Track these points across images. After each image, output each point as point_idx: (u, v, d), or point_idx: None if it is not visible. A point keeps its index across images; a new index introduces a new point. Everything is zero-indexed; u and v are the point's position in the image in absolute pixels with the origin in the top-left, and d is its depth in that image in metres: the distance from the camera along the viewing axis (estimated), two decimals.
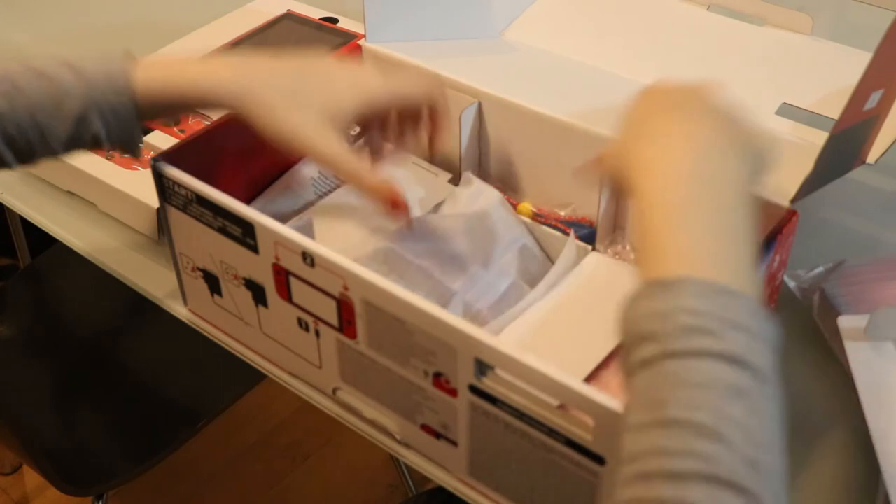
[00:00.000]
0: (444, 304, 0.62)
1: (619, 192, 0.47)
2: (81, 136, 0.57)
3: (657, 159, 0.44)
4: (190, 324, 0.69)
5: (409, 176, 0.69)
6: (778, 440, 0.37)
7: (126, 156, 0.61)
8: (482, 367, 0.49)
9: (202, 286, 0.65)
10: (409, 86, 0.61)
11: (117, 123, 0.57)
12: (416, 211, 0.67)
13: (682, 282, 0.39)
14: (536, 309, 0.61)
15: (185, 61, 0.59)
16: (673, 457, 0.35)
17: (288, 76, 0.58)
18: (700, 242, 0.40)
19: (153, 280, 0.72)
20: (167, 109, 0.59)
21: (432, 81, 0.63)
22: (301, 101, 0.57)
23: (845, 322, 0.61)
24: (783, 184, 0.58)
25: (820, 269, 0.68)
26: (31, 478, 1.42)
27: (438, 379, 0.52)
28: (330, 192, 0.70)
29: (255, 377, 1.03)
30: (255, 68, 0.59)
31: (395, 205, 0.58)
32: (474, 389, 0.50)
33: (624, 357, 0.40)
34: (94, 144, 0.58)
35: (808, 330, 0.66)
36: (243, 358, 0.66)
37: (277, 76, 0.58)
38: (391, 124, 0.63)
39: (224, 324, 0.66)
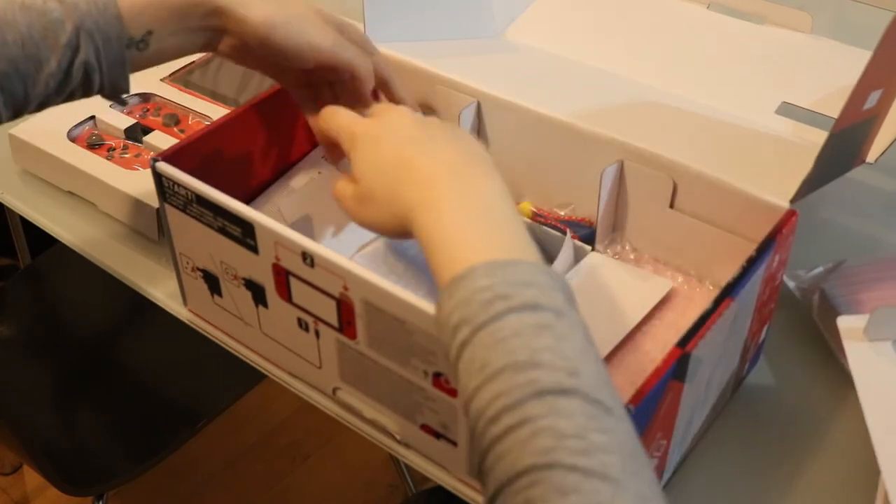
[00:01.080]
0: None
1: (399, 236, 0.53)
2: (72, 70, 0.56)
3: (419, 192, 0.50)
4: (190, 324, 0.69)
5: None
6: (590, 352, 0.42)
7: (114, 97, 0.60)
8: None
9: (202, 286, 0.65)
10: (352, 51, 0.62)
11: (107, 48, 0.56)
12: None
13: (470, 270, 0.44)
14: None
15: None
16: (506, 395, 0.40)
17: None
18: (477, 236, 0.47)
19: (153, 280, 0.72)
20: (156, 24, 0.58)
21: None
22: (292, 11, 0.59)
23: (845, 322, 0.61)
24: (783, 184, 0.58)
25: (820, 269, 0.68)
26: (31, 478, 1.42)
27: (438, 379, 0.52)
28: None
29: (255, 377, 1.03)
30: None
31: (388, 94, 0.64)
32: None
33: (446, 354, 0.44)
34: (86, 79, 0.57)
35: (807, 330, 0.66)
36: (243, 358, 0.66)
37: None
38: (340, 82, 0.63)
39: (224, 324, 0.66)
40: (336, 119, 0.57)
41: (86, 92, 0.59)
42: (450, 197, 0.49)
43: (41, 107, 0.58)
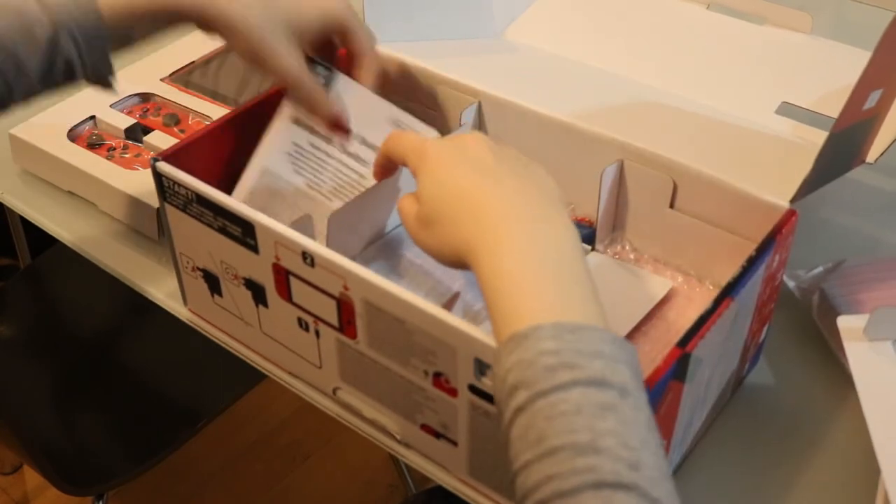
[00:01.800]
0: (444, 303, 0.62)
1: (454, 266, 0.50)
2: (55, 64, 0.57)
3: (481, 232, 0.47)
4: (190, 324, 0.69)
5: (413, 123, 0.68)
6: (653, 441, 0.40)
7: (101, 88, 0.60)
8: (482, 367, 0.49)
9: (202, 286, 0.65)
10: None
11: (87, 44, 0.57)
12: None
13: (535, 329, 0.41)
14: None
15: None
16: (561, 478, 0.38)
17: None
18: (543, 291, 0.43)
19: (153, 280, 0.72)
20: (135, 23, 0.59)
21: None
22: (269, 15, 0.60)
23: (844, 322, 0.61)
24: (783, 184, 0.58)
25: (819, 269, 0.68)
26: (31, 478, 1.42)
27: (438, 379, 0.52)
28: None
29: (255, 377, 1.03)
30: None
31: (337, 126, 0.64)
32: (474, 389, 0.50)
33: (500, 415, 0.42)
34: (69, 73, 0.58)
35: (807, 330, 0.66)
36: (243, 358, 0.66)
37: None
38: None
39: (224, 324, 0.66)
40: (405, 139, 0.54)
41: (69, 82, 0.59)
42: (515, 241, 0.45)
43: (26, 99, 0.59)
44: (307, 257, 0.54)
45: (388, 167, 0.59)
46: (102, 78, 0.60)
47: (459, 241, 0.48)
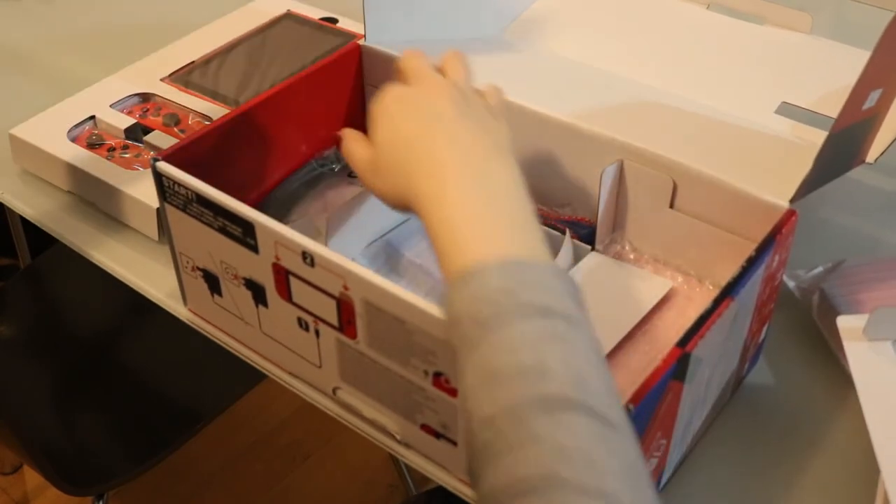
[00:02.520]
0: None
1: (403, 211, 0.51)
2: None
3: (427, 177, 0.48)
4: (190, 324, 0.69)
5: None
6: (599, 364, 0.41)
7: None
8: None
9: (202, 286, 0.65)
10: None
11: None
12: None
13: (482, 266, 0.43)
14: None
15: None
16: (508, 401, 0.39)
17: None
18: (488, 230, 0.45)
19: (153, 280, 0.72)
20: None
21: None
22: None
23: (844, 322, 0.61)
24: (783, 183, 0.58)
25: (819, 269, 0.68)
26: (31, 477, 1.42)
27: (438, 378, 0.52)
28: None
29: (255, 377, 1.03)
30: None
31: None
32: None
33: (451, 344, 0.43)
34: None
35: (807, 330, 0.66)
36: (243, 358, 0.66)
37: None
38: None
39: (224, 324, 0.66)
40: (406, 62, 0.55)
41: None
42: (460, 183, 0.47)
43: None
44: (307, 257, 0.54)
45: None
46: None
47: (405, 186, 0.49)
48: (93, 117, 0.83)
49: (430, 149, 0.49)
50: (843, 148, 0.59)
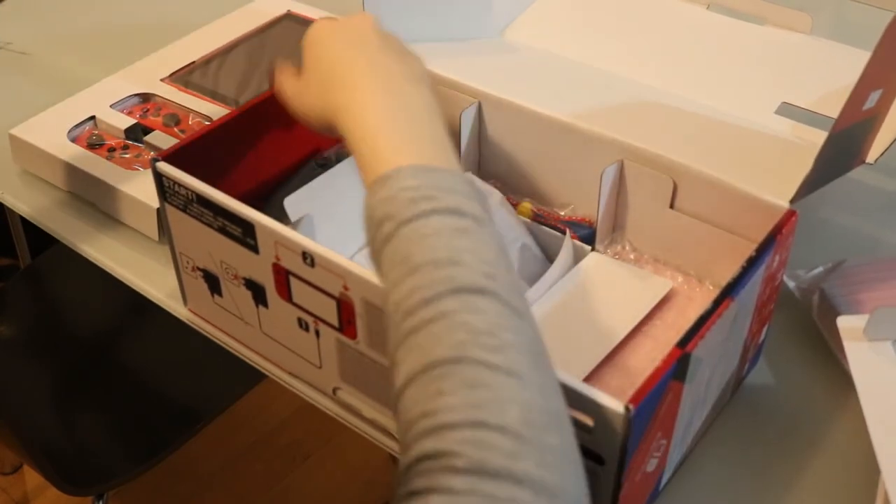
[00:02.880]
0: None
1: (327, 132, 0.55)
2: None
3: (349, 93, 0.52)
4: (190, 324, 0.69)
5: None
6: (505, 260, 0.44)
7: None
8: None
9: (202, 286, 0.65)
10: None
11: None
12: None
13: (398, 170, 0.46)
14: (536, 309, 0.61)
15: None
16: (424, 288, 0.42)
17: None
18: (402, 139, 0.48)
19: (153, 280, 0.72)
20: None
21: None
22: None
23: (844, 322, 0.61)
24: (783, 184, 0.58)
25: (819, 269, 0.68)
26: (31, 477, 1.42)
27: None
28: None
29: (255, 377, 1.03)
30: None
31: None
32: None
33: (370, 246, 0.46)
34: None
35: (807, 330, 0.66)
36: (243, 358, 0.66)
37: None
38: None
39: (224, 324, 0.66)
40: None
41: None
42: (378, 100, 0.50)
43: None
44: (307, 257, 0.54)
45: None
46: None
47: (330, 104, 0.53)
48: (93, 117, 0.83)
49: (352, 68, 0.53)
50: (843, 148, 0.59)
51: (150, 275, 0.73)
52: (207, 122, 0.81)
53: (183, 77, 0.88)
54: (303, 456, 1.45)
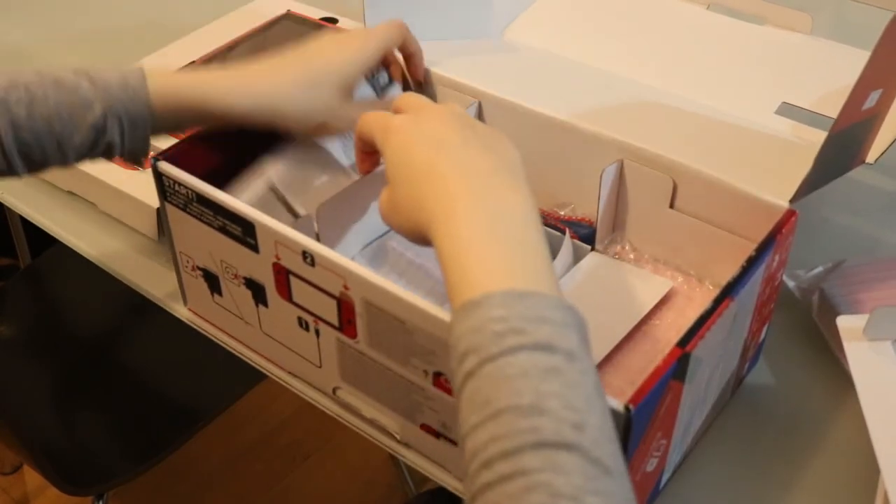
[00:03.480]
0: (444, 303, 0.62)
1: (422, 244, 0.50)
2: (97, 145, 0.58)
3: (437, 206, 0.48)
4: (190, 324, 0.69)
5: None
6: (598, 404, 0.41)
7: (131, 163, 0.62)
8: None
9: (202, 285, 0.65)
10: (385, 35, 0.67)
11: (132, 131, 0.58)
12: None
13: (486, 297, 0.42)
14: None
15: (199, 71, 0.62)
16: (504, 438, 0.38)
17: (297, 71, 0.62)
18: (494, 259, 0.44)
19: (153, 280, 0.72)
20: (182, 117, 0.61)
21: (396, 25, 0.69)
22: (315, 94, 0.62)
23: (844, 322, 0.61)
24: (783, 183, 0.58)
25: (819, 269, 0.68)
26: (31, 477, 1.42)
27: (439, 378, 0.52)
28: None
29: (255, 377, 1.03)
30: (262, 72, 0.62)
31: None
32: None
33: (452, 378, 0.43)
34: (107, 153, 0.59)
35: (807, 330, 0.66)
36: (243, 358, 0.66)
37: (288, 73, 0.62)
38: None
39: (224, 323, 0.66)
40: (372, 119, 0.55)
41: (103, 157, 0.61)
42: (469, 213, 0.46)
43: (59, 166, 0.60)
44: (307, 257, 0.54)
45: (367, 152, 0.59)
46: (137, 159, 0.61)
47: (421, 217, 0.49)
48: None
49: (437, 178, 0.49)
50: (843, 148, 0.59)
51: (150, 275, 0.73)
52: None
53: None
54: (303, 456, 1.45)
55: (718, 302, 0.51)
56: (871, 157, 0.63)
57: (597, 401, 0.40)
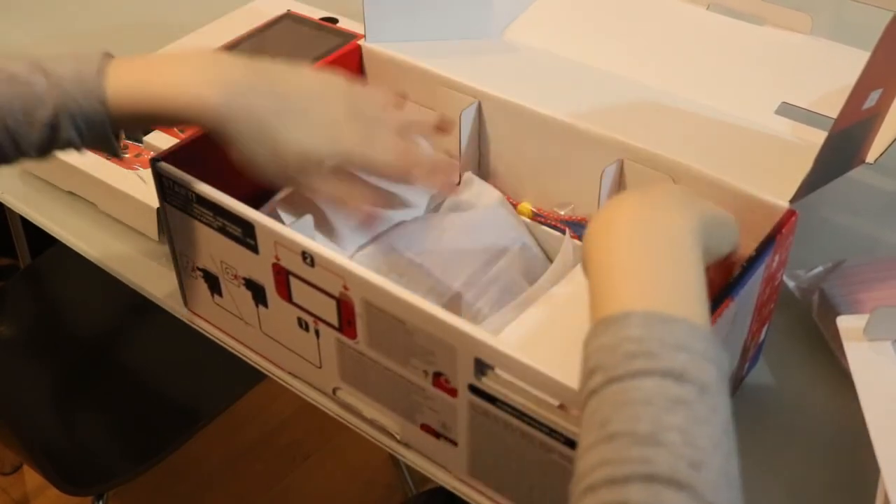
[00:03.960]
0: (444, 303, 0.62)
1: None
2: (55, 141, 0.56)
3: (598, 216, 0.47)
4: (190, 324, 0.69)
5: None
6: (725, 445, 0.38)
7: (108, 155, 0.59)
8: (482, 367, 0.49)
9: (202, 286, 0.65)
10: (381, 158, 0.59)
11: (90, 129, 0.56)
12: (421, 205, 0.67)
13: (626, 315, 0.41)
14: (536, 308, 0.61)
15: (161, 69, 0.56)
16: (614, 464, 0.36)
17: (269, 99, 0.56)
18: (642, 277, 0.43)
19: (153, 280, 0.72)
20: (140, 118, 0.57)
21: (405, 154, 0.60)
22: (276, 136, 0.55)
23: (844, 322, 0.61)
24: (783, 184, 0.58)
25: (819, 269, 0.68)
26: (31, 477, 1.42)
27: (438, 379, 0.52)
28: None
29: (255, 377, 1.03)
30: (236, 87, 0.55)
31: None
32: (474, 389, 0.50)
33: (578, 395, 0.42)
34: (69, 147, 0.57)
35: (807, 330, 0.66)
36: (243, 358, 0.66)
37: (259, 99, 0.56)
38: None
39: (224, 324, 0.66)
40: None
41: (72, 151, 0.57)
42: (627, 226, 0.45)
43: (23, 160, 0.57)
44: (307, 257, 0.54)
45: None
46: (110, 153, 0.58)
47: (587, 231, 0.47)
48: None
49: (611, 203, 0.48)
50: (843, 148, 0.59)
51: (150, 275, 0.73)
52: None
53: None
54: (303, 456, 1.45)
55: (717, 302, 0.51)
56: (870, 156, 0.63)
57: (724, 442, 0.38)
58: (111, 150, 0.58)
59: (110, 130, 0.56)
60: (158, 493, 1.38)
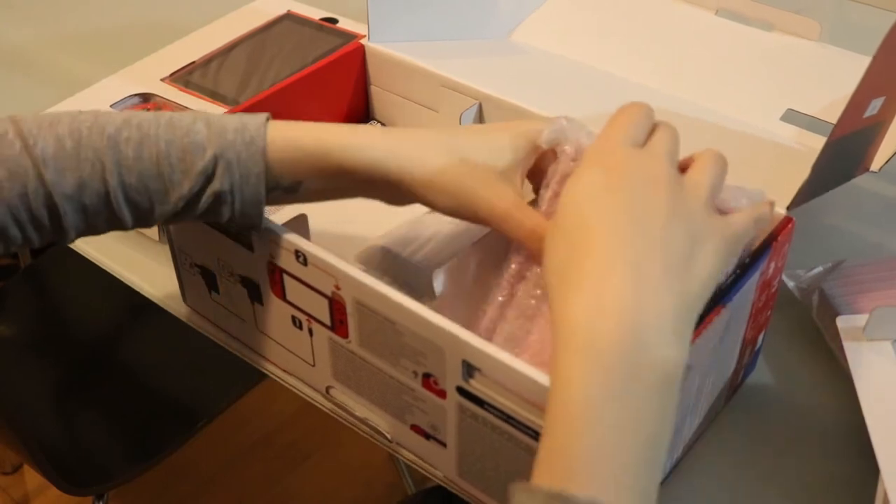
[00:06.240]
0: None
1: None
2: (203, 192, 0.52)
3: (579, 324, 0.41)
4: (188, 321, 0.69)
5: None
6: None
7: (243, 231, 0.55)
8: (470, 369, 0.49)
9: (200, 283, 0.65)
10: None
11: (244, 184, 0.52)
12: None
13: (531, 496, 0.38)
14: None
15: (326, 125, 0.54)
16: None
17: (442, 137, 0.54)
18: (612, 464, 0.39)
19: (153, 280, 0.72)
20: (299, 168, 0.53)
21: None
22: (467, 162, 0.52)
23: (844, 322, 0.60)
24: (782, 190, 0.57)
25: (819, 269, 0.68)
26: (31, 477, 1.42)
27: (427, 380, 0.52)
28: None
29: (255, 377, 1.03)
30: (405, 135, 0.54)
31: None
32: (462, 391, 0.50)
33: None
34: (214, 205, 0.53)
35: (807, 330, 0.66)
36: (239, 355, 0.66)
37: (431, 140, 0.53)
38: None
39: (221, 320, 0.66)
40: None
41: (215, 218, 0.53)
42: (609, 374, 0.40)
43: (167, 222, 0.54)
44: (300, 256, 0.54)
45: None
46: (249, 221, 0.54)
47: (555, 292, 0.44)
48: None
49: (594, 256, 0.43)
50: (844, 155, 0.58)
51: (150, 275, 0.73)
52: None
53: (183, 77, 0.88)
54: (303, 456, 1.45)
55: (710, 309, 0.51)
56: (875, 165, 0.62)
57: None
58: (257, 217, 0.54)
59: (264, 185, 0.52)
60: (158, 493, 1.38)
